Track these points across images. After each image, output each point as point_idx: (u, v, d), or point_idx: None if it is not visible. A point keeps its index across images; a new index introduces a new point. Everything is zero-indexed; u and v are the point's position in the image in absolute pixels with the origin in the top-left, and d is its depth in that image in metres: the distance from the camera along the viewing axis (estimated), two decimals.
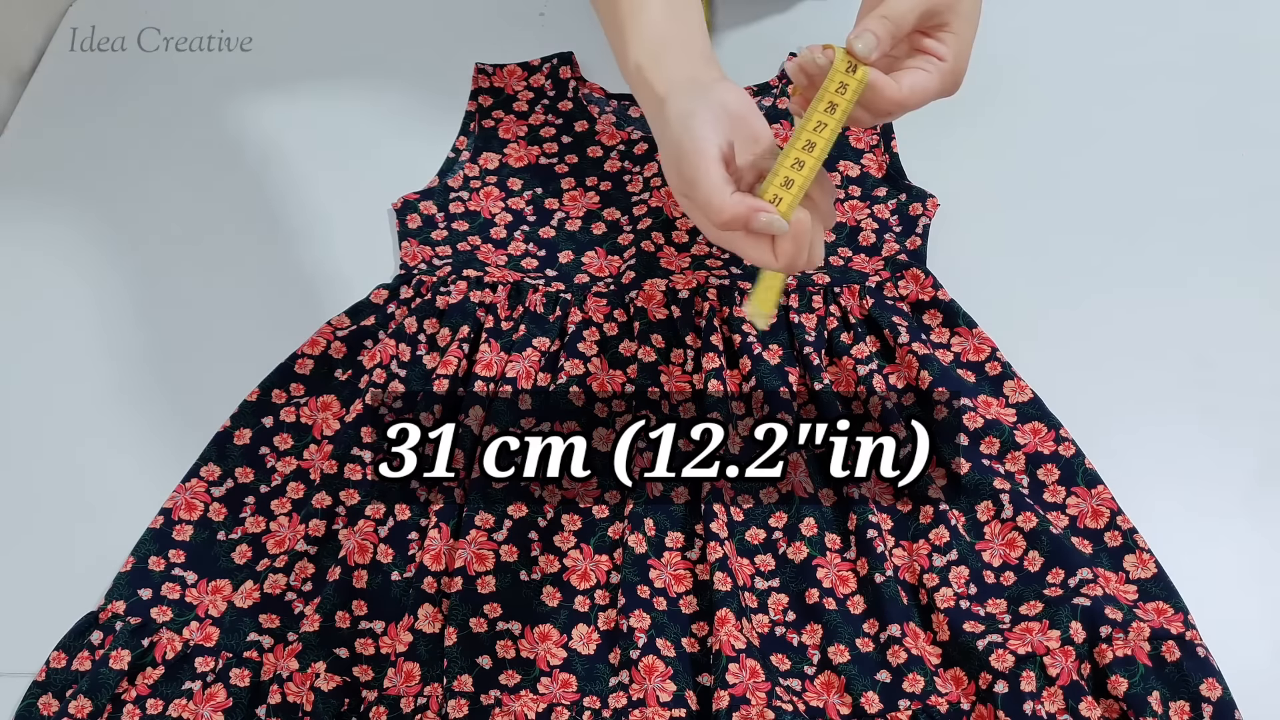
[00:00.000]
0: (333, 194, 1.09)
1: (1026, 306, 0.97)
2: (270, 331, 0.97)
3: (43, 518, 0.91)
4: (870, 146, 1.06)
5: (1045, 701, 0.76)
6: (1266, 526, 0.86)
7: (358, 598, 0.83)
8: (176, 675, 0.81)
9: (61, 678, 0.80)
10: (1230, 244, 1.00)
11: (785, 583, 0.84)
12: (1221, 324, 0.95)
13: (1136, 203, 1.03)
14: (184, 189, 1.10)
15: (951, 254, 1.00)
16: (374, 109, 1.16)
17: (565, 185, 1.06)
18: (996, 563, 0.83)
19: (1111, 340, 0.95)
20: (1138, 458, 0.88)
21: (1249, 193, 1.03)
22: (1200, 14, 1.16)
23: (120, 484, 0.91)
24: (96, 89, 1.19)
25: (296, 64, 1.20)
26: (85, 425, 0.95)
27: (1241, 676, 0.77)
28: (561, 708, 0.78)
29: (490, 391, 0.91)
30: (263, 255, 1.05)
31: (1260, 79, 1.11)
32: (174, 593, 0.84)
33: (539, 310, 0.96)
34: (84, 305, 1.02)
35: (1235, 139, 1.07)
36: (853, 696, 0.78)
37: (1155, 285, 0.98)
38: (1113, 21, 1.17)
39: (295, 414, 0.92)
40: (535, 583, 0.83)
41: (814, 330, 0.93)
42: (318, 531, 0.86)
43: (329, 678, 0.79)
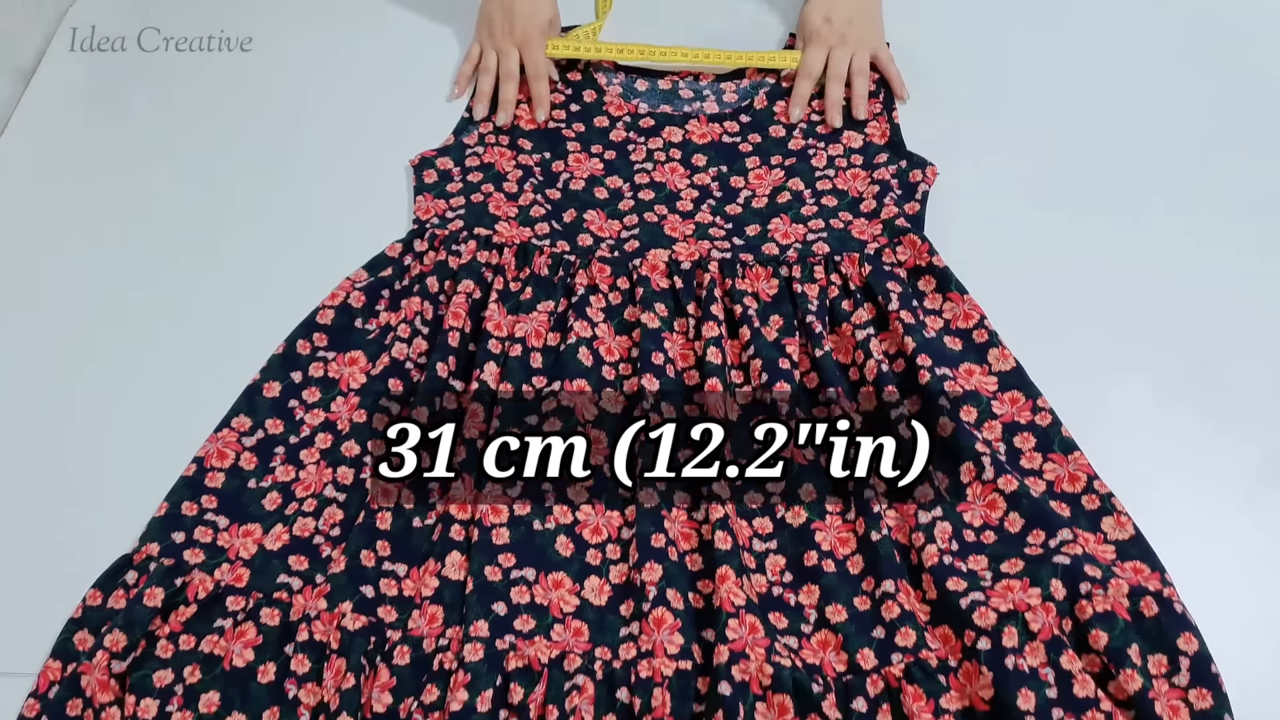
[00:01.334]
0: (349, 160, 1.12)
1: (1020, 279, 1.01)
2: (291, 294, 1.00)
3: (44, 516, 0.91)
4: (873, 116, 1.10)
5: (1027, 656, 0.79)
6: (1267, 526, 0.88)
7: (381, 539, 0.86)
8: (208, 613, 0.84)
9: (97, 615, 0.84)
10: (1231, 244, 1.03)
11: (783, 545, 0.88)
12: (1222, 324, 0.98)
13: (1136, 203, 1.06)
14: (184, 189, 1.10)
15: (948, 221, 1.03)
16: (387, 75, 1.19)
17: (571, 149, 1.10)
18: (977, 523, 0.87)
19: (1112, 339, 0.97)
20: (1138, 457, 0.90)
21: (1250, 193, 1.06)
22: (1202, 13, 1.19)
23: (121, 483, 0.92)
24: (96, 89, 1.19)
25: (297, 60, 1.20)
26: (87, 425, 0.95)
27: (1241, 676, 0.79)
28: (574, 655, 0.82)
29: (503, 349, 0.95)
30: (266, 246, 1.06)
31: (1261, 79, 1.13)
32: (206, 536, 0.87)
33: (544, 273, 1.00)
34: (84, 305, 1.03)
35: (1236, 139, 1.09)
36: (849, 653, 0.82)
37: (1154, 281, 1.00)
38: (1115, 19, 1.20)
39: (323, 369, 0.96)
40: (549, 532, 0.87)
41: (816, 299, 0.97)
42: (346, 479, 0.90)
43: (355, 617, 0.83)
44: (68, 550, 0.88)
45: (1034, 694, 0.77)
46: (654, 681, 0.80)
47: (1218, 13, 1.19)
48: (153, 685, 0.81)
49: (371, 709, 0.80)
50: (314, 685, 0.81)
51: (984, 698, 0.78)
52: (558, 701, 0.79)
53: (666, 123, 1.11)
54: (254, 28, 1.23)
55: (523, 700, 0.79)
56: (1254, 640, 0.82)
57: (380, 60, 1.20)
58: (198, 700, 0.80)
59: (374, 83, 1.18)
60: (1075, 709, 0.78)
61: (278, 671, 0.82)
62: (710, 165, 1.08)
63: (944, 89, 1.13)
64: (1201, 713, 0.77)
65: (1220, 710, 0.77)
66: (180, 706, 0.80)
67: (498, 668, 0.81)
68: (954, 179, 1.06)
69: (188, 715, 0.80)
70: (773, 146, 1.09)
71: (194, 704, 0.80)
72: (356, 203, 1.08)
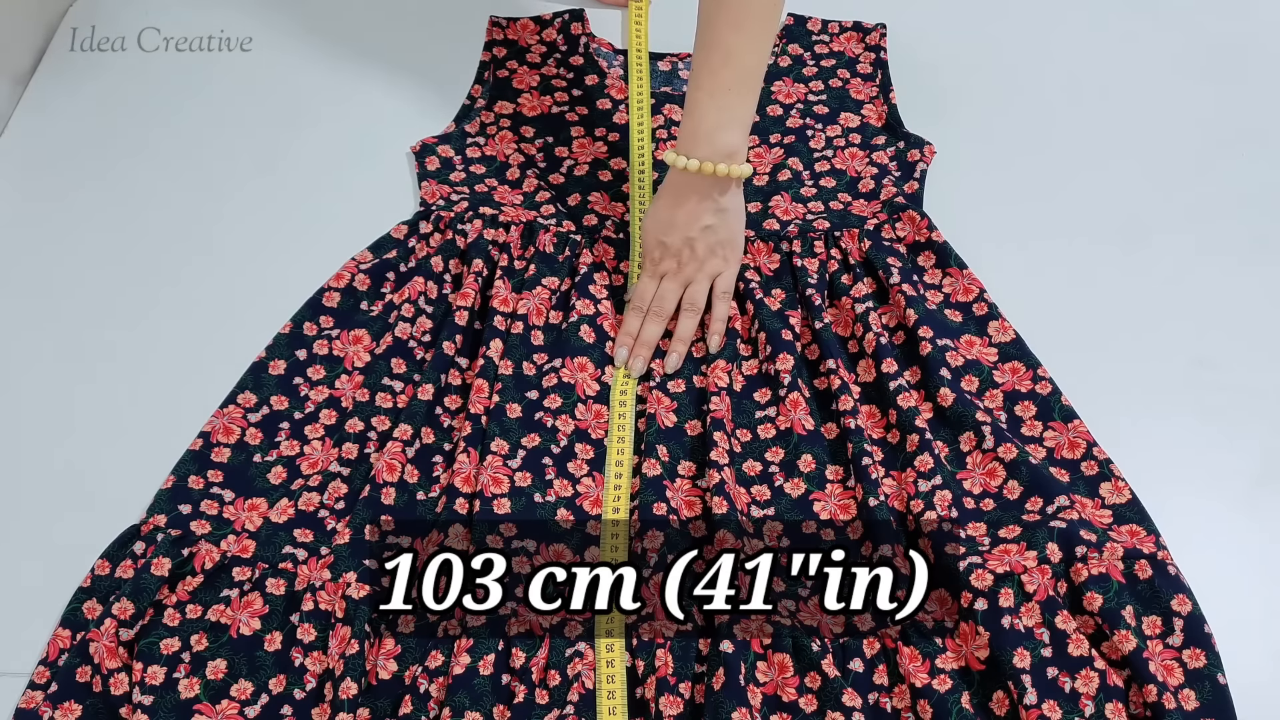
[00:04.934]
0: (352, 145, 1.13)
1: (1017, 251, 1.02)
2: (296, 275, 1.01)
3: (42, 517, 0.92)
4: (870, 98, 1.11)
5: (1023, 616, 0.81)
6: (1267, 526, 0.88)
7: (386, 513, 0.88)
8: (215, 583, 0.85)
9: (105, 584, 0.85)
10: (1231, 243, 1.03)
11: (780, 513, 0.89)
12: (1222, 324, 0.98)
13: (1136, 202, 1.06)
14: (185, 188, 1.11)
15: (946, 198, 1.04)
16: (389, 61, 1.19)
17: (575, 134, 1.11)
18: (977, 490, 0.88)
19: (1110, 336, 0.98)
20: (1139, 461, 0.89)
21: (1250, 192, 1.06)
22: (1204, 14, 1.19)
23: (119, 482, 0.92)
24: (96, 89, 1.19)
25: (297, 60, 1.21)
26: (87, 425, 0.96)
27: (1242, 676, 0.79)
28: (575, 622, 0.83)
29: (507, 327, 0.96)
30: (268, 237, 1.07)
31: (1262, 79, 1.14)
32: (212, 509, 0.89)
33: (549, 250, 1.01)
34: (88, 299, 1.03)
35: (1239, 139, 1.10)
36: (846, 617, 0.83)
37: (1154, 280, 1.01)
38: (1117, 17, 1.20)
39: (328, 347, 0.97)
40: (550, 504, 0.88)
41: (816, 273, 0.98)
42: (350, 454, 0.91)
43: (359, 587, 0.84)
44: (67, 550, 0.88)
45: (1029, 653, 0.78)
46: (656, 643, 0.81)
47: (1222, 13, 1.20)
48: (160, 652, 0.82)
49: (376, 675, 0.81)
50: (319, 654, 0.83)
51: (980, 658, 0.79)
52: (559, 666, 0.80)
53: (666, 101, 1.12)
54: (254, 28, 1.23)
55: (524, 664, 0.80)
56: (1254, 640, 0.83)
57: (380, 60, 1.20)
58: (205, 667, 0.82)
59: (374, 82, 1.18)
60: (1070, 668, 0.79)
61: (284, 640, 0.83)
62: None
63: (945, 69, 1.15)
64: (1194, 672, 0.78)
65: (1213, 670, 0.78)
66: (187, 674, 0.81)
67: (499, 633, 0.82)
68: (953, 159, 1.07)
69: (195, 682, 0.81)
70: (771, 125, 1.10)
71: (201, 671, 0.81)
72: (358, 193, 1.09)
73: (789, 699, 0.79)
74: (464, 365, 0.95)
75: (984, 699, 0.79)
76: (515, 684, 0.80)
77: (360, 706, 0.79)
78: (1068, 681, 0.78)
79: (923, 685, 0.79)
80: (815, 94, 1.12)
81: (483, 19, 1.20)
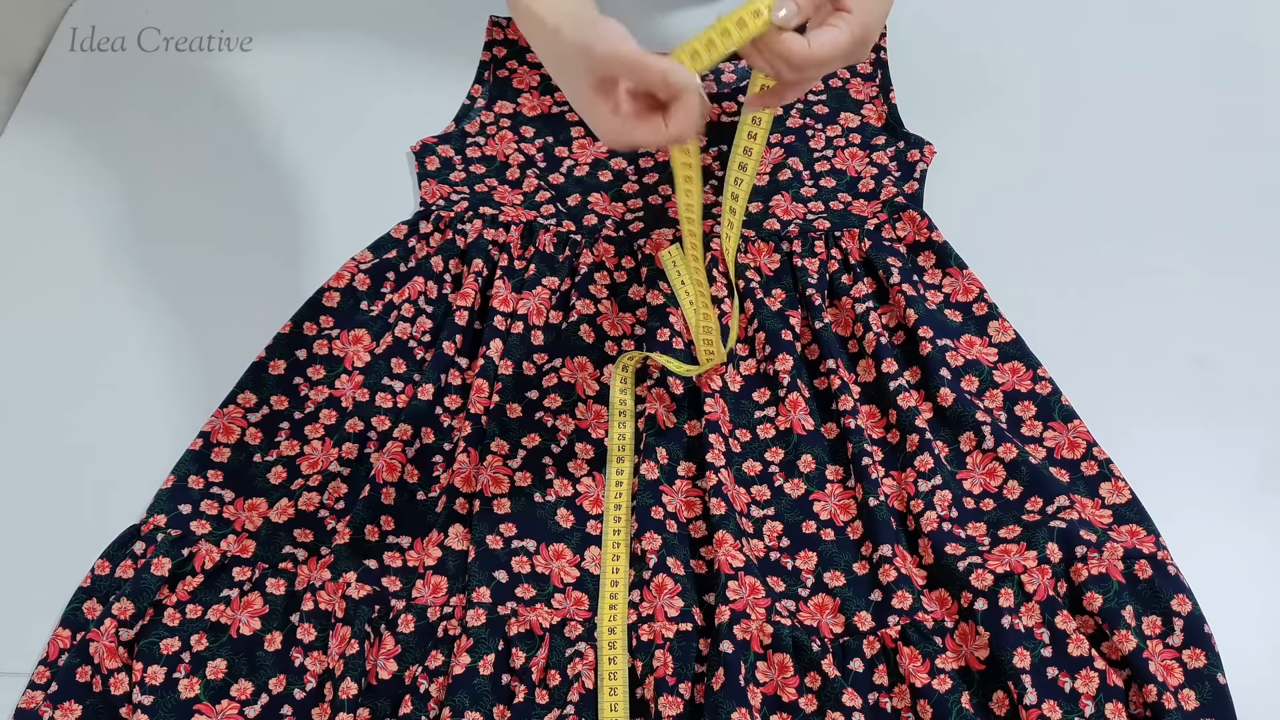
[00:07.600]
0: (352, 145, 1.12)
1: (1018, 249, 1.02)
2: (296, 275, 1.01)
3: (42, 517, 0.92)
4: (870, 98, 1.11)
5: (1023, 616, 0.80)
6: (1268, 527, 0.88)
7: (386, 513, 0.88)
8: (215, 583, 0.85)
9: (105, 584, 0.85)
10: (1232, 244, 1.03)
11: (780, 513, 0.89)
12: (1223, 324, 0.98)
13: (1137, 202, 1.06)
14: (185, 188, 1.10)
15: (947, 198, 1.04)
16: (389, 60, 1.19)
17: (575, 134, 1.11)
18: (977, 490, 0.88)
19: (1110, 337, 0.98)
20: (1139, 461, 0.89)
21: (1251, 192, 1.06)
22: (1207, 14, 1.19)
23: (119, 482, 0.92)
24: (96, 89, 1.18)
25: (297, 60, 1.20)
26: (86, 425, 0.96)
27: (1242, 676, 0.79)
28: (575, 622, 0.83)
29: (507, 327, 0.96)
30: (268, 238, 1.06)
31: (1264, 80, 1.14)
32: (212, 509, 0.89)
33: (549, 250, 1.01)
34: (87, 301, 1.03)
35: (1240, 139, 1.09)
36: (845, 616, 0.83)
37: (1154, 280, 1.01)
38: (1119, 17, 1.20)
39: (328, 346, 0.97)
40: (550, 504, 0.89)
41: (816, 273, 0.99)
42: (350, 454, 0.91)
43: (359, 587, 0.84)
44: (76, 527, 0.89)
45: (1029, 653, 0.78)
46: (655, 644, 0.81)
47: (1224, 12, 1.19)
48: (160, 652, 0.82)
49: (376, 675, 0.81)
50: (319, 654, 0.83)
51: (980, 658, 0.79)
52: (559, 666, 0.80)
53: None
54: (254, 28, 1.23)
55: (524, 664, 0.81)
56: (1254, 641, 0.83)
57: (380, 60, 1.20)
58: (205, 667, 0.82)
59: (374, 81, 1.18)
60: (1069, 668, 0.79)
61: (284, 640, 0.83)
62: (711, 145, 1.09)
63: (945, 69, 1.14)
64: (1194, 672, 0.78)
65: (1213, 670, 0.78)
66: (187, 674, 0.81)
67: (499, 632, 0.82)
68: (953, 158, 1.07)
69: (195, 682, 0.81)
70: (770, 125, 1.10)
71: (201, 671, 0.81)
72: (358, 193, 1.09)
73: (789, 699, 0.79)
74: (464, 365, 0.95)
75: (984, 699, 0.79)
76: (515, 684, 0.80)
77: (360, 706, 0.80)
78: (1068, 681, 0.78)
79: (923, 685, 0.79)
80: (815, 94, 1.12)
81: (483, 19, 1.20)
